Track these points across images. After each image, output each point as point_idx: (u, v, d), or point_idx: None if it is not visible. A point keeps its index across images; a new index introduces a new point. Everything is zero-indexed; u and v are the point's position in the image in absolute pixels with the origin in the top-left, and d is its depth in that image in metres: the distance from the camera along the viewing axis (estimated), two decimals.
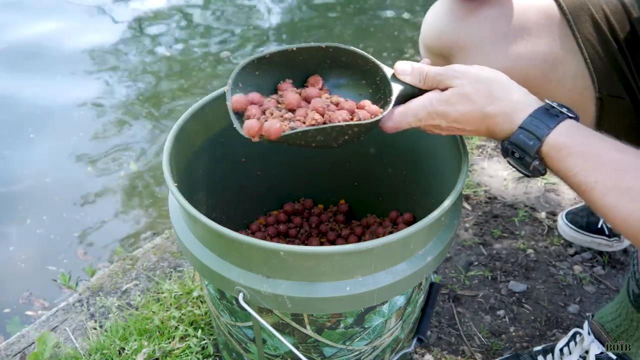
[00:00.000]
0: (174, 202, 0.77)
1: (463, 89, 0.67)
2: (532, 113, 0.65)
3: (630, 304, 0.85)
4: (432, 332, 1.10)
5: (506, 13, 0.95)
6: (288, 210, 1.09)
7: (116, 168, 1.84)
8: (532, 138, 0.63)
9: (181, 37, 2.63)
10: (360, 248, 0.62)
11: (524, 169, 0.67)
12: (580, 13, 0.92)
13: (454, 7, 0.97)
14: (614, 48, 0.91)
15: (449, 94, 0.68)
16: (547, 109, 0.65)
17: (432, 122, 0.69)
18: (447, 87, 0.69)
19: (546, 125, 0.63)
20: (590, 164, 0.61)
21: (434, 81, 0.70)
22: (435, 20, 1.01)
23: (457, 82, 0.68)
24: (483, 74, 0.68)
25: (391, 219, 1.02)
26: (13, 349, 1.05)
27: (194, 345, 1.01)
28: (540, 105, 0.66)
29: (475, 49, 0.97)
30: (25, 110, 2.09)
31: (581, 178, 0.61)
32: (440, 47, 1.02)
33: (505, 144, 0.67)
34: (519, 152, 0.65)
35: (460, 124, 0.68)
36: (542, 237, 1.33)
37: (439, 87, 0.70)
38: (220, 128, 0.87)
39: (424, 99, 0.70)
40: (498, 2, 0.96)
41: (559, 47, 0.93)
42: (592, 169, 0.61)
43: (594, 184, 0.60)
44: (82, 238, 1.59)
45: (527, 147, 0.64)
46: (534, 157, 0.64)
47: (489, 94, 0.66)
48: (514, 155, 0.66)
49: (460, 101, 0.67)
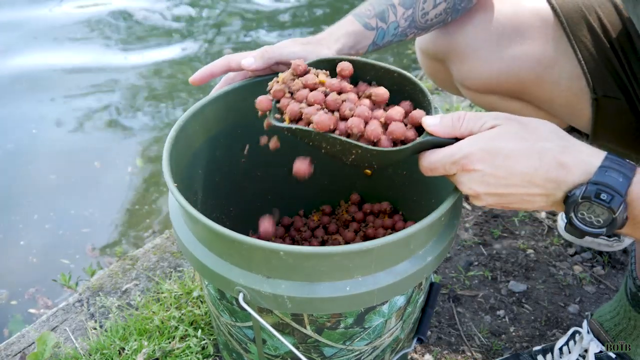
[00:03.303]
0: (174, 202, 0.77)
1: (510, 127, 0.58)
2: (607, 155, 0.56)
3: (628, 303, 0.85)
4: (432, 332, 1.10)
5: (500, 16, 0.95)
6: (285, 223, 1.10)
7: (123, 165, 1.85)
8: (621, 175, 0.54)
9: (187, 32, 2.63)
10: (360, 248, 0.62)
11: (605, 218, 0.56)
12: (574, 15, 0.93)
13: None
14: (607, 49, 0.92)
15: (497, 130, 0.58)
16: (609, 154, 0.57)
17: (470, 167, 0.58)
18: (492, 127, 0.59)
19: (628, 167, 0.55)
20: None
21: (477, 121, 0.59)
22: None
23: (505, 121, 0.59)
24: (527, 119, 0.60)
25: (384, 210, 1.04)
26: (13, 349, 1.05)
27: (194, 345, 1.01)
28: (603, 154, 0.57)
29: (470, 52, 0.97)
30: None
31: None
32: (435, 50, 1.02)
33: (585, 187, 0.55)
34: (607, 192, 0.54)
35: (512, 164, 0.56)
36: (542, 237, 1.33)
37: (482, 129, 0.60)
38: (220, 128, 0.87)
39: (466, 140, 0.59)
40: (492, 5, 0.96)
41: (554, 49, 0.93)
42: None
43: None
44: (88, 235, 1.61)
45: (617, 184, 0.54)
46: (623, 198, 0.54)
47: (542, 132, 0.58)
48: (600, 197, 0.54)
49: (512, 138, 0.57)
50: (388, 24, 0.86)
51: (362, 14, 0.85)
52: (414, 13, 0.87)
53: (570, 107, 0.98)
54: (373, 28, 0.84)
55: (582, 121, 0.99)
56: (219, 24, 2.70)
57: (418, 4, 0.87)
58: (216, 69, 0.79)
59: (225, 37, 2.62)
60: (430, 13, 0.89)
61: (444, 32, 0.99)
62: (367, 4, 0.86)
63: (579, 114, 0.98)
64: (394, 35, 0.87)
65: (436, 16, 0.90)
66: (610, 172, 0.54)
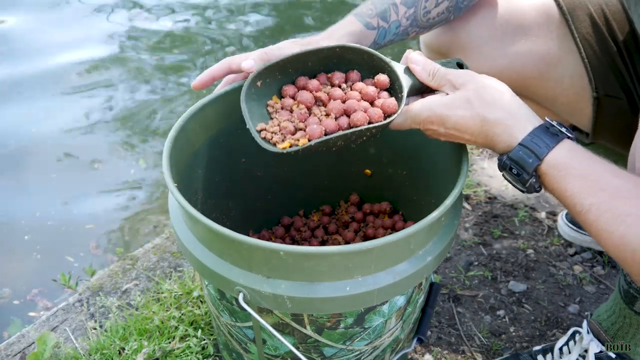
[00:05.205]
0: (174, 202, 0.77)
1: (467, 93, 0.67)
2: (532, 131, 0.65)
3: (622, 301, 0.85)
4: (432, 332, 1.10)
5: (504, 12, 0.95)
6: (285, 223, 1.10)
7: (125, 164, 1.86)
8: (532, 156, 0.64)
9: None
10: (360, 248, 0.62)
11: (519, 185, 0.67)
12: (579, 13, 0.92)
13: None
14: (612, 48, 0.91)
15: (451, 97, 0.68)
16: (547, 127, 0.65)
17: (430, 127, 0.69)
18: (452, 90, 0.69)
19: (545, 144, 0.64)
20: (588, 187, 0.62)
21: (443, 80, 0.70)
22: None
23: (463, 86, 0.68)
24: (488, 81, 0.68)
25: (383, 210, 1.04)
26: (13, 349, 1.05)
27: (194, 345, 1.01)
28: (540, 123, 0.66)
29: (473, 47, 0.97)
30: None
31: (577, 200, 0.62)
32: (438, 44, 1.02)
33: (503, 159, 0.67)
34: (517, 168, 0.65)
35: (459, 130, 0.68)
36: (542, 237, 1.33)
37: (445, 88, 0.70)
38: (220, 128, 0.87)
39: (425, 101, 0.69)
40: (496, 1, 0.96)
41: (557, 47, 0.93)
42: (590, 192, 0.62)
43: (589, 206, 0.61)
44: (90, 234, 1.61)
45: (526, 164, 0.64)
46: (531, 175, 0.64)
47: (491, 101, 0.66)
48: (512, 171, 0.66)
49: (462, 105, 0.67)
50: (389, 23, 0.86)
51: (363, 14, 0.84)
52: (416, 12, 0.87)
53: (571, 105, 0.98)
54: (374, 27, 0.84)
55: (583, 119, 0.99)
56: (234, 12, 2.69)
57: (420, 2, 0.87)
58: (217, 72, 0.80)
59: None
60: (433, 12, 0.89)
61: (448, 28, 0.98)
62: (369, 3, 0.86)
63: (580, 112, 0.98)
64: (396, 35, 0.88)
65: (438, 15, 0.90)
66: (523, 150, 0.64)
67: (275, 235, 1.07)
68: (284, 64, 0.75)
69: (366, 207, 1.07)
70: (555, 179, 0.64)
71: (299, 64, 0.76)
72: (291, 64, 0.76)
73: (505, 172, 0.68)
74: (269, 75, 0.75)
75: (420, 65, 0.72)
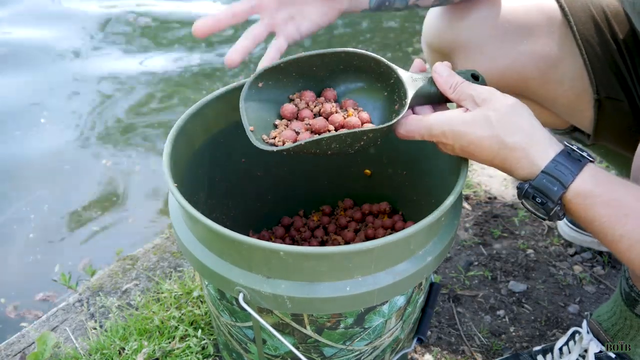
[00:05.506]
0: (174, 202, 0.77)
1: (487, 112, 0.65)
2: (555, 157, 0.63)
3: (623, 303, 0.85)
4: (432, 332, 1.10)
5: (506, 12, 0.95)
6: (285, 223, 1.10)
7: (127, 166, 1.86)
8: (556, 184, 0.62)
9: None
10: (360, 248, 0.62)
11: (543, 213, 0.65)
12: (582, 14, 0.92)
13: (454, 5, 0.97)
14: (613, 50, 0.91)
15: (472, 115, 0.66)
16: (569, 153, 0.63)
17: (444, 141, 0.67)
18: (473, 105, 0.67)
19: (570, 171, 0.62)
20: (615, 214, 0.61)
21: (464, 94, 0.68)
22: (435, 18, 1.01)
23: (485, 103, 0.66)
24: (510, 101, 0.66)
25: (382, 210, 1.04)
26: (13, 349, 1.05)
27: (194, 345, 1.01)
28: (561, 149, 0.64)
29: (474, 48, 0.97)
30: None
31: (608, 229, 0.61)
32: (440, 44, 1.02)
33: (525, 187, 0.64)
34: (541, 197, 0.63)
35: (475, 149, 0.65)
36: (542, 237, 1.33)
37: (465, 103, 0.68)
38: (220, 128, 0.87)
39: (444, 116, 0.67)
40: (498, 1, 0.96)
41: (559, 48, 0.93)
42: (617, 220, 0.61)
43: (619, 237, 0.61)
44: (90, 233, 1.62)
45: (551, 192, 0.62)
46: (556, 203, 0.62)
47: (511, 123, 0.64)
48: (535, 200, 0.63)
49: (481, 124, 0.64)
50: None
51: None
52: None
53: (572, 106, 0.98)
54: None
55: (584, 121, 0.99)
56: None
57: None
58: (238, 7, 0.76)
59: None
60: None
61: (450, 26, 0.98)
62: None
63: (580, 113, 0.98)
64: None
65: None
66: (547, 178, 0.62)
67: (275, 235, 1.07)
68: (287, 67, 0.75)
69: (366, 207, 1.07)
70: (581, 206, 0.62)
71: (303, 68, 0.76)
72: (294, 68, 0.75)
73: (527, 200, 0.65)
74: (271, 77, 0.75)
75: (444, 76, 0.70)
